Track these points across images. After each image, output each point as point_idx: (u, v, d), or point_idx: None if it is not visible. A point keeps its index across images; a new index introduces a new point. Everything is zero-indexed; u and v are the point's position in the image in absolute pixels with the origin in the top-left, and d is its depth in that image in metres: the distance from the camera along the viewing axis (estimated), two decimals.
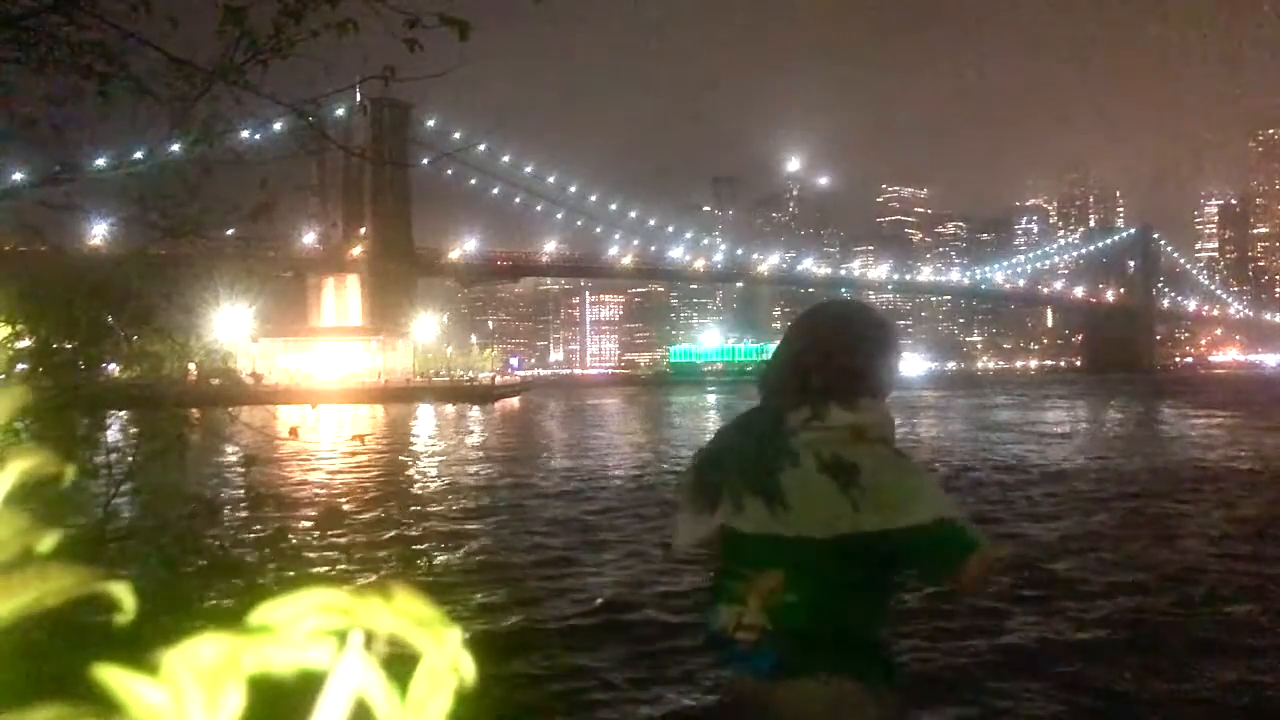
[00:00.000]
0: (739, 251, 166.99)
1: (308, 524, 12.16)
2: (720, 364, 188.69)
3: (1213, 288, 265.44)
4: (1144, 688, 5.73)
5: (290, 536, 4.25)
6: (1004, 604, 7.31)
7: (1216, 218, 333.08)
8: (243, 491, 4.86)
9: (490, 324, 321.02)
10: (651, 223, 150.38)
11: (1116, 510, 12.79)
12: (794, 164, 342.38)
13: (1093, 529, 11.31)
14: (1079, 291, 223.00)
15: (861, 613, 2.11)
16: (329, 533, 11.93)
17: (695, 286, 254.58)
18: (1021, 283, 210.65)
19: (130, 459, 3.90)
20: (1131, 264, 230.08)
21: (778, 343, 2.33)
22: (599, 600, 7.96)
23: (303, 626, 0.30)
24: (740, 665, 2.14)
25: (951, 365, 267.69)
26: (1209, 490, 14.71)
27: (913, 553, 2.05)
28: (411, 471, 20.71)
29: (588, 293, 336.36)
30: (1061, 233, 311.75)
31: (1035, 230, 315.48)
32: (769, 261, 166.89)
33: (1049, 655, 6.32)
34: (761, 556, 2.09)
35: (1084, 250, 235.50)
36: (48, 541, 0.31)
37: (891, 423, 2.15)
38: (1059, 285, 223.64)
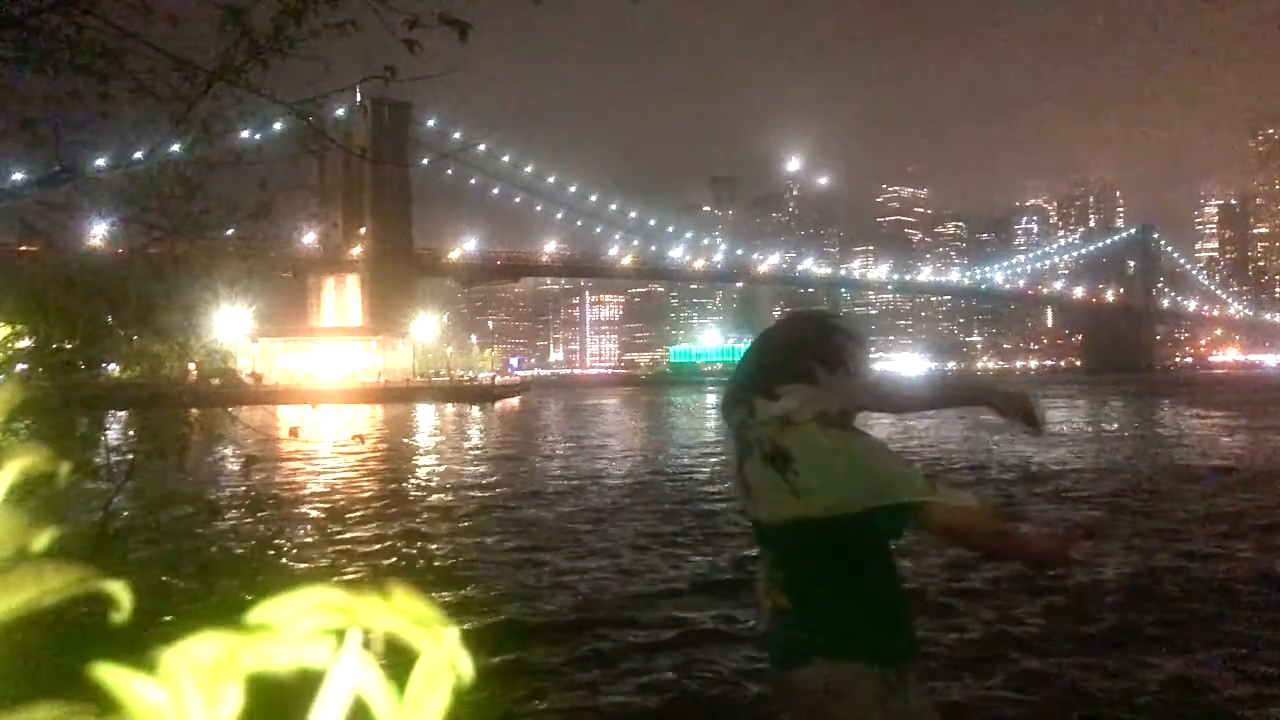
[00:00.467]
0: (739, 251, 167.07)
1: (307, 524, 12.21)
2: (720, 364, 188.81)
3: (1213, 288, 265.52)
4: (1095, 683, 5.76)
5: (289, 536, 4.26)
6: (959, 600, 7.33)
7: (1216, 218, 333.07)
8: (243, 491, 4.87)
9: (490, 324, 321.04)
10: (651, 223, 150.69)
11: (1099, 507, 12.83)
12: (794, 164, 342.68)
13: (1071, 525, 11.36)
14: (1079, 291, 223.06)
15: (841, 595, 2.16)
16: (328, 532, 11.96)
17: (695, 286, 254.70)
18: (1021, 283, 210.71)
19: (130, 459, 3.90)
20: (1131, 264, 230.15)
21: None
22: (599, 598, 7.96)
23: (301, 625, 0.31)
24: (769, 655, 2.28)
25: (951, 365, 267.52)
26: (1194, 488, 14.74)
27: (858, 532, 2.10)
28: (411, 471, 20.71)
29: (588, 293, 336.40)
30: (1061, 233, 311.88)
31: (1035, 230, 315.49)
32: (769, 261, 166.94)
33: (1004, 649, 6.33)
34: (759, 540, 2.28)
35: (1084, 250, 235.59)
36: (44, 540, 0.31)
37: (831, 399, 2.17)
38: (1059, 285, 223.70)
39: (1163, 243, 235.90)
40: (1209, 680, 5.78)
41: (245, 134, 4.65)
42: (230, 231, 4.61)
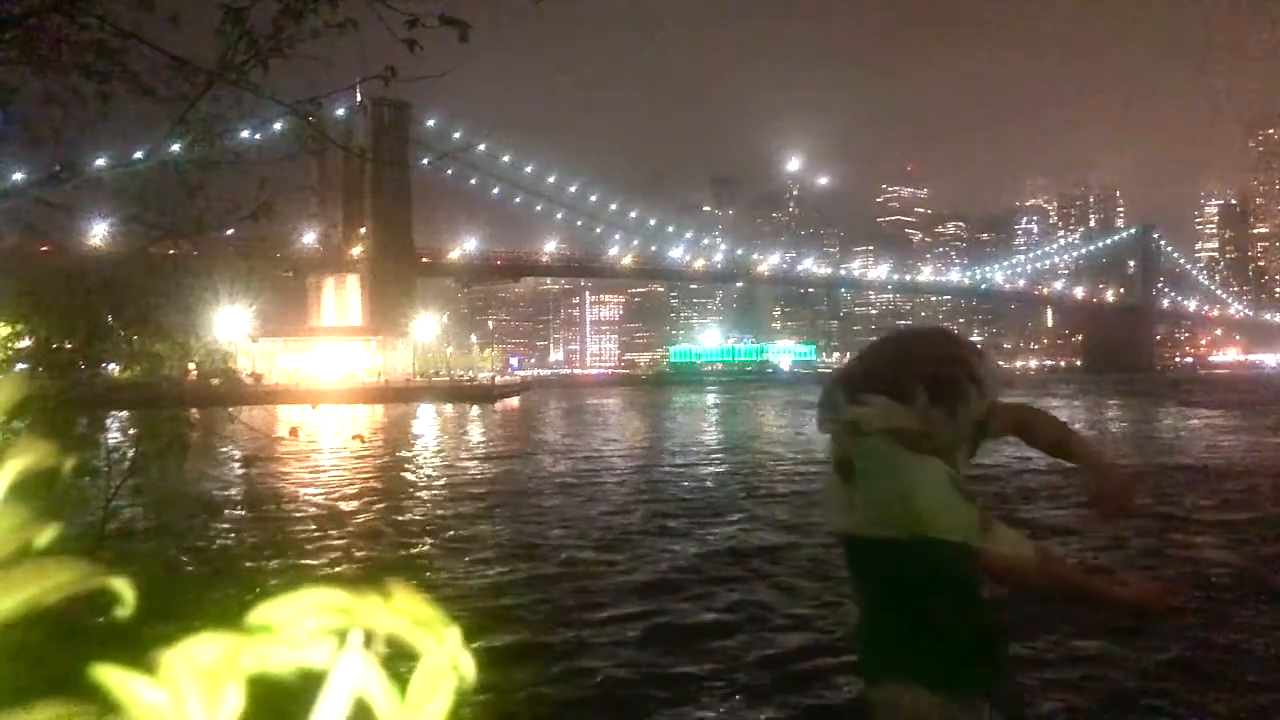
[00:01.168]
0: (739, 251, 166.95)
1: (307, 524, 12.21)
2: (720, 364, 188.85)
3: (1213, 288, 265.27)
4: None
5: (289, 536, 4.26)
6: None
7: (1216, 218, 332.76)
8: (243, 491, 4.87)
9: (490, 324, 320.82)
10: (651, 223, 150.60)
11: (1070, 505, 12.88)
12: (794, 164, 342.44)
13: (1046, 524, 11.41)
14: (1079, 291, 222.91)
15: (902, 619, 2.06)
16: (329, 532, 11.95)
17: (695, 286, 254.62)
18: (1021, 283, 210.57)
19: (130, 459, 3.90)
20: (1131, 264, 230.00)
21: None
22: (599, 599, 7.97)
23: (302, 626, 0.30)
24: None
25: None
26: (1170, 487, 14.82)
27: (908, 559, 1.99)
28: (411, 471, 20.71)
29: (588, 293, 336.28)
30: (1061, 233, 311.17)
31: (1035, 230, 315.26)
32: (769, 261, 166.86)
33: None
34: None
35: (1084, 250, 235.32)
36: (46, 536, 0.31)
37: (913, 421, 2.02)
38: (1059, 285, 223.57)
39: (1163, 243, 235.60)
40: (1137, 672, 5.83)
41: (245, 134, 4.65)
42: (230, 231, 4.61)
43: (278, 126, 4.98)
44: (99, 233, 5.09)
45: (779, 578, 8.64)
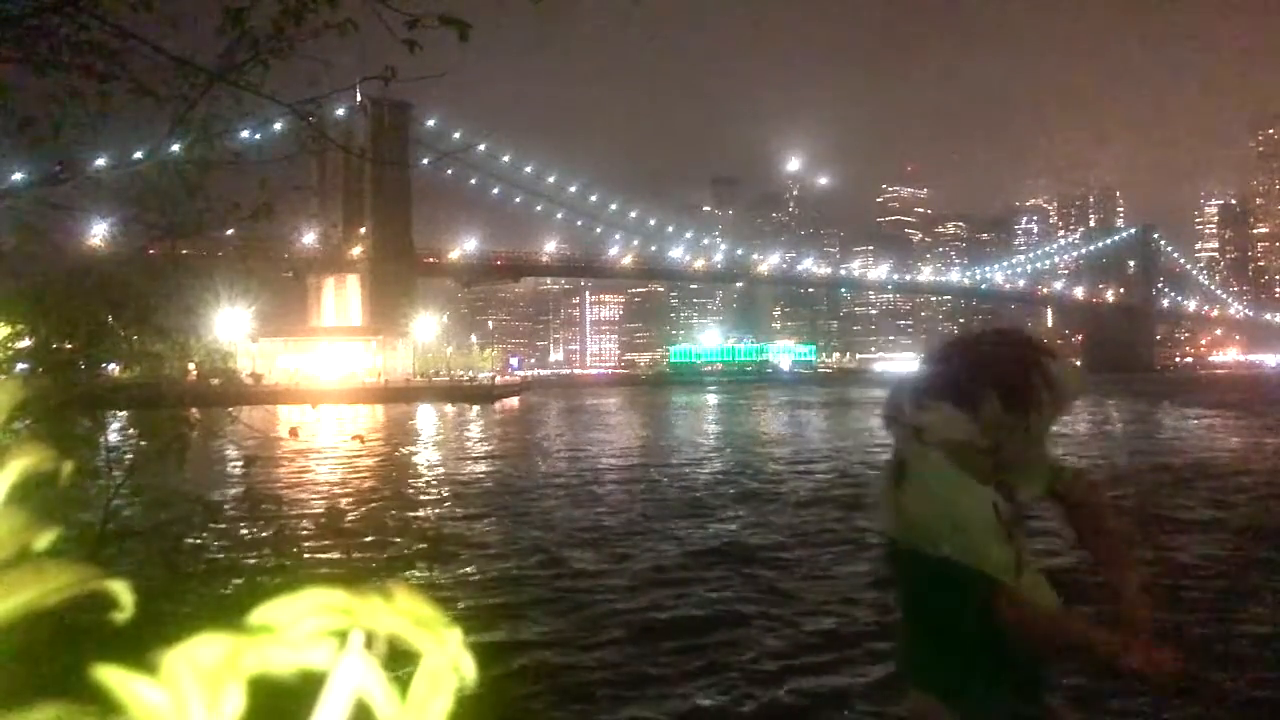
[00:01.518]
0: (739, 251, 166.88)
1: (307, 524, 12.20)
2: (720, 364, 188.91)
3: (1213, 288, 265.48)
4: None
5: (289, 536, 4.26)
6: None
7: (1216, 218, 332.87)
8: (243, 491, 4.87)
9: (490, 324, 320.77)
10: (651, 223, 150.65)
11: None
12: (794, 164, 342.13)
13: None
14: (1079, 291, 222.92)
15: (929, 630, 2.03)
16: (329, 533, 11.94)
17: (695, 286, 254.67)
18: (1021, 283, 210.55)
19: (130, 459, 3.90)
20: (1131, 264, 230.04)
21: None
22: (595, 598, 7.98)
23: (303, 626, 0.30)
24: None
25: None
26: (1168, 486, 14.85)
27: (940, 578, 1.94)
28: (411, 472, 20.71)
29: (588, 293, 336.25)
30: (1061, 233, 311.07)
31: (1035, 230, 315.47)
32: (769, 261, 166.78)
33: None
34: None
35: (1084, 250, 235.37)
36: (46, 539, 0.31)
37: (970, 431, 1.96)
38: (1059, 285, 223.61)
39: (1163, 243, 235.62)
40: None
41: (245, 134, 4.64)
42: (230, 231, 4.60)
43: (278, 126, 4.97)
44: (99, 233, 5.09)
45: (770, 579, 8.70)
